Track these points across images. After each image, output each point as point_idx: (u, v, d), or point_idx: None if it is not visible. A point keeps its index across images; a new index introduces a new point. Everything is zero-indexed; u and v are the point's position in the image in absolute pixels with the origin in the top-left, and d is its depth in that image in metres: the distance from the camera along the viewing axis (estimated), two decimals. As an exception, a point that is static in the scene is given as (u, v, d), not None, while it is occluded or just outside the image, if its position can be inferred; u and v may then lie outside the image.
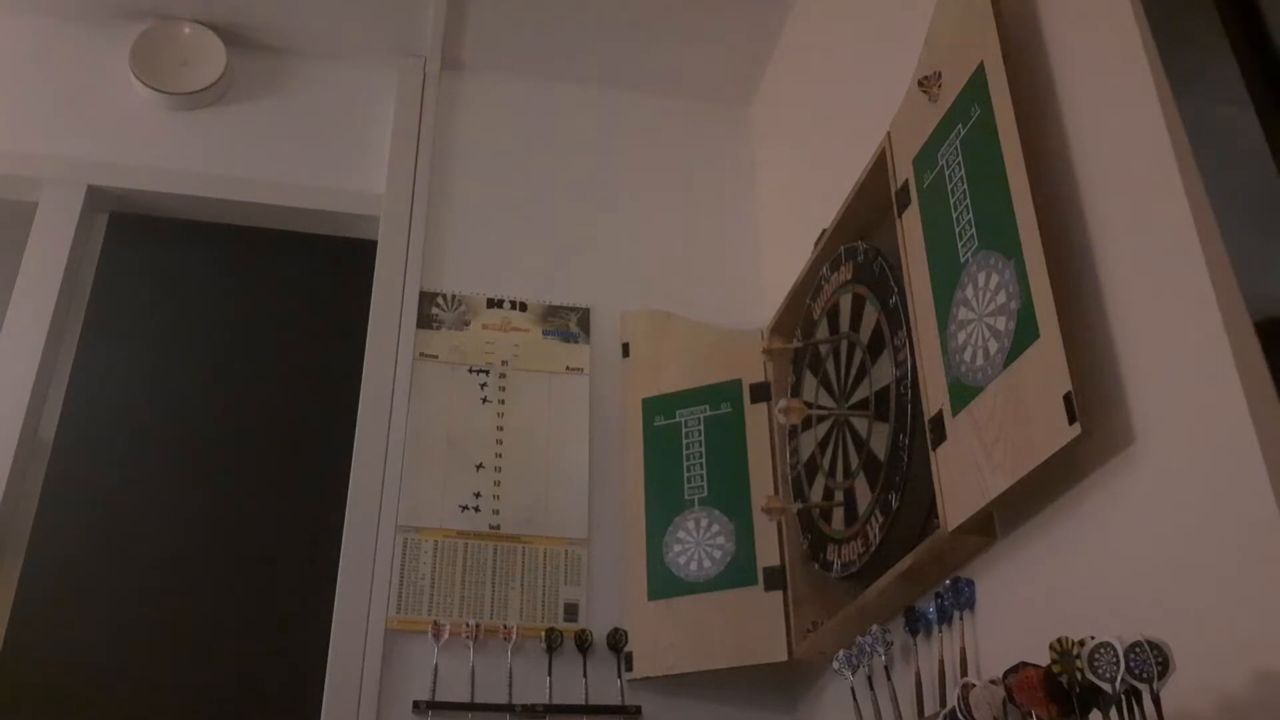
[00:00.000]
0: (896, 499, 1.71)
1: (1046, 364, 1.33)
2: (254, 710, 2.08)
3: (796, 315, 2.23)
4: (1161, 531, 1.21)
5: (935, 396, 1.59)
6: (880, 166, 1.86)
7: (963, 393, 1.51)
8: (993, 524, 1.51)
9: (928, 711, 1.62)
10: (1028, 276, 1.38)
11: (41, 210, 2.40)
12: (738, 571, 2.17)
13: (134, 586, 2.13)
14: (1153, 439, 1.24)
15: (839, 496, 1.93)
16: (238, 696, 2.08)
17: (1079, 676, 1.04)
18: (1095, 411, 1.29)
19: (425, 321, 2.41)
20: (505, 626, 2.12)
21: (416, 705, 2.04)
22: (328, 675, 2.04)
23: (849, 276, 2.00)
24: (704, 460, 2.30)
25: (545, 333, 2.46)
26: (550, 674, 2.08)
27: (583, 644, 2.12)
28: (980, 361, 1.48)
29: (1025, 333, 1.38)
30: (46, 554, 2.12)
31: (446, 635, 2.10)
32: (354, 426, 2.27)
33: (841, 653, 1.77)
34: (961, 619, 1.56)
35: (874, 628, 1.73)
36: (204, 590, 2.16)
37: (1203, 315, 1.17)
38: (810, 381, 2.13)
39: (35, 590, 2.09)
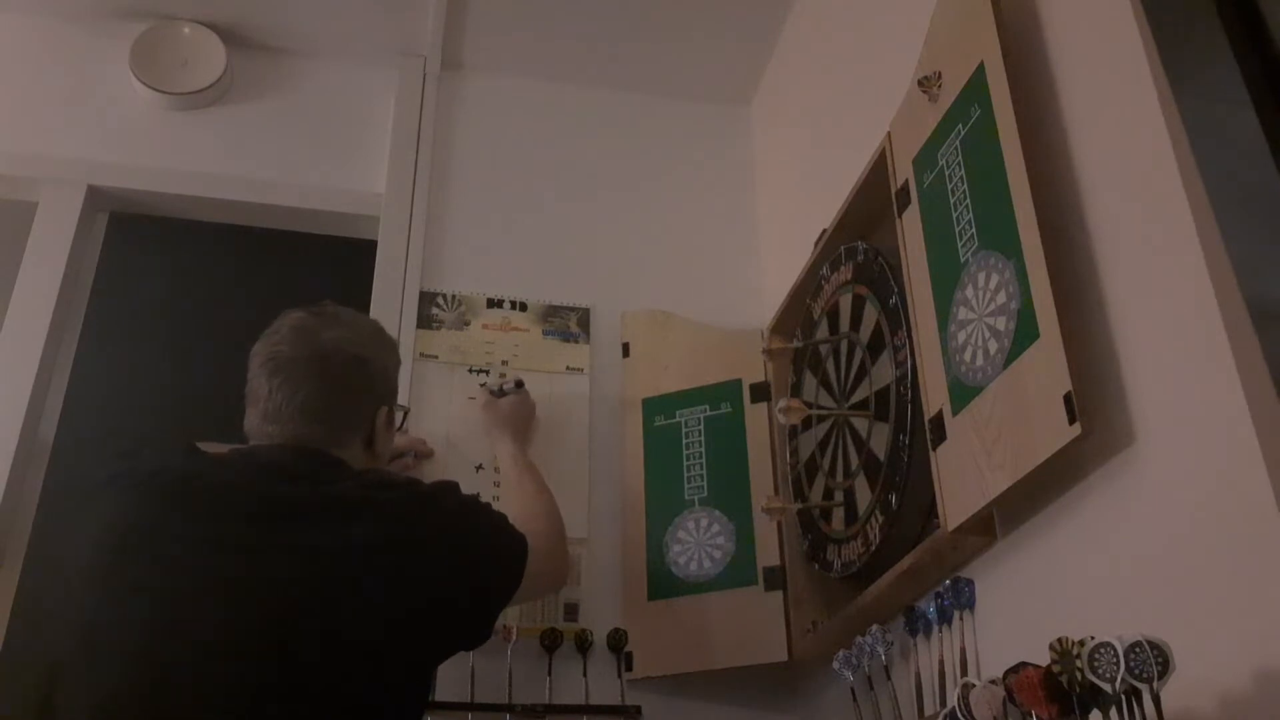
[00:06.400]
0: (896, 499, 1.71)
1: (1046, 364, 1.33)
2: (254, 710, 2.07)
3: (796, 315, 2.23)
4: (1161, 531, 1.21)
5: (935, 396, 1.59)
6: (880, 166, 1.86)
7: (963, 393, 1.51)
8: (993, 524, 1.51)
9: (928, 711, 1.62)
10: (1028, 276, 1.38)
11: (41, 210, 2.40)
12: (738, 571, 2.17)
13: (134, 586, 2.13)
14: (1153, 439, 1.24)
15: (839, 496, 1.93)
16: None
17: (1079, 676, 1.04)
18: (1095, 411, 1.29)
19: (425, 321, 2.41)
20: (504, 626, 2.10)
21: (416, 705, 2.04)
22: (328, 675, 2.03)
23: (849, 276, 2.00)
24: (704, 460, 2.30)
25: (545, 333, 2.46)
26: (550, 674, 2.07)
27: (583, 644, 2.11)
28: (980, 361, 1.48)
29: (1025, 333, 1.38)
30: (46, 554, 2.12)
31: (446, 635, 2.10)
32: (354, 426, 2.26)
33: (841, 653, 1.77)
34: (961, 619, 1.56)
35: (874, 628, 1.73)
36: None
37: (1203, 315, 1.17)
38: (810, 381, 2.13)
39: (35, 590, 2.09)
